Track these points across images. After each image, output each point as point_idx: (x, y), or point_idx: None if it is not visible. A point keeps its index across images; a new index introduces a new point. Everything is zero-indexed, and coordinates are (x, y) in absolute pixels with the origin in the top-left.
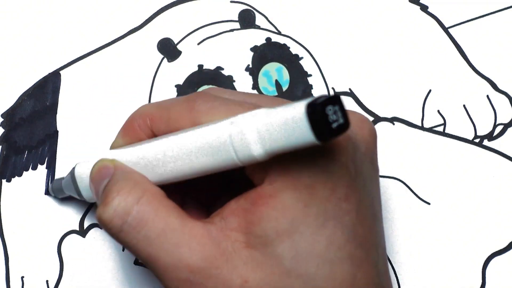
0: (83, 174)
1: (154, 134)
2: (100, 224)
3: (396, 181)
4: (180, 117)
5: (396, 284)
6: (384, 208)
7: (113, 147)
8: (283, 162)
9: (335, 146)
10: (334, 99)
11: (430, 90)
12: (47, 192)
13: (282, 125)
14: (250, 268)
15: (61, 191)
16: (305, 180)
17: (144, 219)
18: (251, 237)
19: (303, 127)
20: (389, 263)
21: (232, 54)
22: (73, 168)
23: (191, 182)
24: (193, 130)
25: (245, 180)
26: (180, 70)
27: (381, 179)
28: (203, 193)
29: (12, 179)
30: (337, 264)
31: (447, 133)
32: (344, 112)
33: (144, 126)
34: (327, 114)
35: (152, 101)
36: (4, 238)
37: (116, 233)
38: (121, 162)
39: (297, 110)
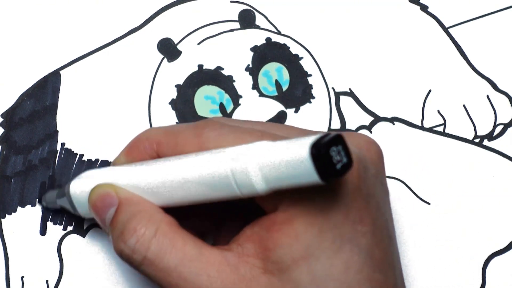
0: (78, 193)
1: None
2: (120, 257)
3: (396, 181)
4: (187, 143)
5: None
6: None
7: (115, 163)
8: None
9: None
10: (337, 139)
11: (430, 90)
12: (39, 201)
13: (285, 163)
14: None
15: (54, 203)
16: (318, 205)
17: (162, 251)
18: (268, 263)
19: (307, 168)
20: None
21: (232, 54)
22: (68, 186)
23: (189, 207)
24: (195, 156)
25: (250, 204)
26: (180, 70)
27: None
28: (200, 218)
29: (12, 179)
30: None
31: (447, 133)
32: (347, 151)
33: (150, 149)
34: (331, 156)
35: (152, 101)
36: (4, 238)
37: (137, 266)
38: (122, 188)
39: (301, 150)
